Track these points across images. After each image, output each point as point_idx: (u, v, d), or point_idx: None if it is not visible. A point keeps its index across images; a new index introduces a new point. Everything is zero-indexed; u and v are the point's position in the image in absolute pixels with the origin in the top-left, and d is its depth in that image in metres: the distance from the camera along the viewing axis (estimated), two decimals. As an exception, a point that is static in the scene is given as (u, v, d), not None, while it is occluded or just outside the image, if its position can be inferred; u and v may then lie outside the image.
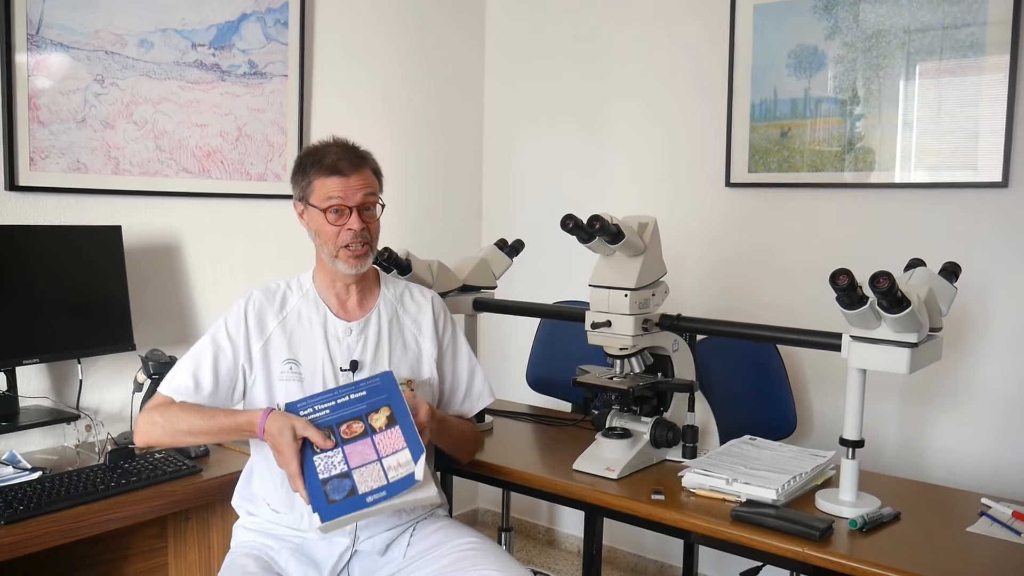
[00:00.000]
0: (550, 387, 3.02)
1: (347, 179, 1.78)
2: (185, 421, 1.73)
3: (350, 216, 1.78)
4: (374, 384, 1.72)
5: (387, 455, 1.63)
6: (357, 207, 1.79)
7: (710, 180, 3.03)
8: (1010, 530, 1.66)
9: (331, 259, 1.82)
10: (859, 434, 1.75)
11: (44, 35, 2.27)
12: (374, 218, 1.83)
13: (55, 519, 1.79)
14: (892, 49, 2.62)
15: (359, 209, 1.79)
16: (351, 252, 1.79)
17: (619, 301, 1.98)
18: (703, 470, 1.85)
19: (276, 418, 1.65)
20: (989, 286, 2.51)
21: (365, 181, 1.81)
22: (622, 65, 3.25)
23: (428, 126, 3.43)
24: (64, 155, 2.33)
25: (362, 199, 1.79)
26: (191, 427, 1.73)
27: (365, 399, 1.70)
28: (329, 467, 1.61)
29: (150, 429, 1.76)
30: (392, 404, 1.68)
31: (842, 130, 2.74)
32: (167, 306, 2.57)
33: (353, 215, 1.78)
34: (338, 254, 1.80)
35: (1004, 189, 2.47)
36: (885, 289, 1.56)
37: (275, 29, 2.80)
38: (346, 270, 1.81)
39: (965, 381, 2.58)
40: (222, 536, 2.23)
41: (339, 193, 1.78)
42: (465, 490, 3.65)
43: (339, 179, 1.78)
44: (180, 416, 1.74)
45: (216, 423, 1.73)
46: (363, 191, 1.80)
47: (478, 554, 1.79)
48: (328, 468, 1.61)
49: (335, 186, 1.78)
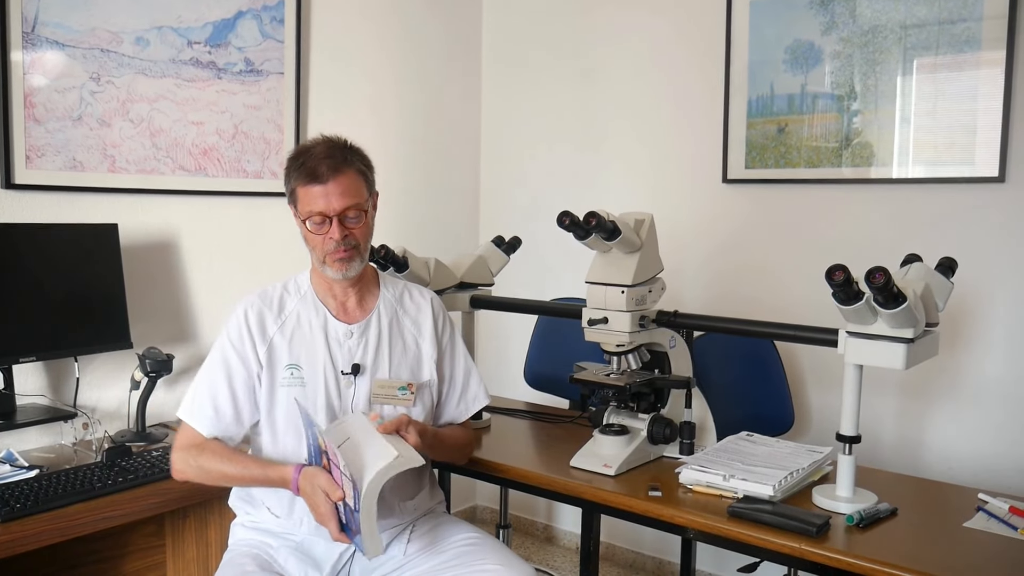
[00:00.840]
0: (547, 384, 3.02)
1: (326, 186, 1.72)
2: (218, 471, 1.75)
3: (331, 225, 1.74)
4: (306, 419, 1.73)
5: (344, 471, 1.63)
6: (338, 215, 1.74)
7: (707, 176, 3.03)
8: (1007, 525, 1.66)
9: (320, 265, 1.81)
10: (856, 430, 1.75)
11: (40, 33, 2.26)
12: (359, 224, 1.77)
13: (52, 517, 1.79)
14: (889, 44, 2.62)
15: (340, 217, 1.75)
16: (336, 257, 1.77)
17: (616, 298, 1.98)
18: (700, 466, 1.85)
19: (307, 479, 1.66)
20: (986, 281, 2.51)
21: (345, 187, 1.74)
22: (618, 61, 3.25)
23: (425, 122, 3.43)
24: (60, 153, 2.33)
25: (342, 208, 1.73)
26: (223, 475, 1.76)
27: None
28: (344, 508, 1.63)
29: (185, 469, 1.79)
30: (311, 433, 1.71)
31: (839, 126, 2.73)
32: (164, 304, 2.57)
33: (334, 224, 1.74)
34: (325, 260, 1.79)
35: (1001, 184, 2.47)
36: (881, 285, 1.56)
37: (271, 27, 2.79)
38: (334, 275, 1.80)
39: (962, 376, 2.58)
40: (220, 534, 2.23)
41: (319, 204, 1.73)
42: (463, 487, 3.65)
43: (319, 187, 1.73)
44: (213, 464, 1.75)
45: (249, 474, 1.75)
46: (343, 199, 1.73)
47: (479, 548, 1.80)
48: (344, 509, 1.63)
49: (315, 196, 1.73)
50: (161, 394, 2.46)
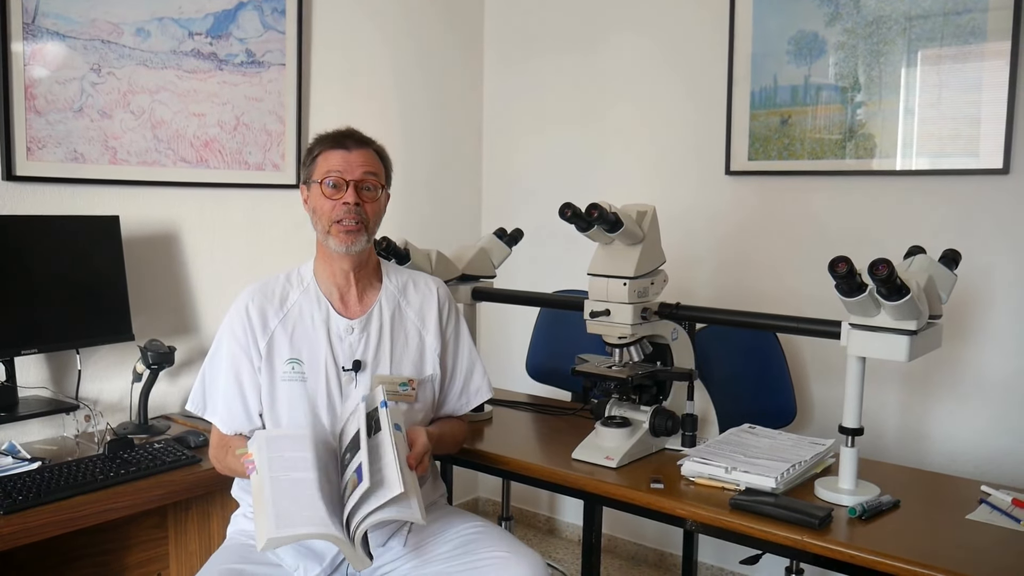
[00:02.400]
0: (550, 376, 3.02)
1: (349, 153, 1.80)
2: (239, 470, 1.75)
3: (347, 190, 1.78)
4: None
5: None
6: (355, 183, 1.79)
7: (710, 168, 3.02)
8: (1010, 517, 1.66)
9: (324, 236, 1.81)
10: (858, 422, 1.75)
11: (40, 24, 2.25)
12: (373, 199, 1.82)
13: (54, 509, 1.79)
14: (893, 35, 2.61)
15: (357, 185, 1.79)
16: (343, 227, 1.78)
17: (618, 290, 1.98)
18: (702, 459, 1.85)
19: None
20: (989, 273, 2.50)
21: (367, 159, 1.82)
22: (622, 53, 3.24)
23: (427, 114, 3.42)
24: (61, 145, 2.32)
25: (361, 175, 1.79)
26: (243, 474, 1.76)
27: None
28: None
29: (219, 468, 1.87)
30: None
31: (843, 117, 2.72)
32: (166, 296, 2.57)
33: (350, 189, 1.78)
34: (330, 229, 1.79)
35: (1005, 176, 2.46)
36: (884, 276, 1.55)
37: (272, 18, 2.78)
38: (336, 247, 1.80)
39: (965, 368, 2.57)
40: (222, 525, 2.22)
41: (339, 166, 1.79)
42: (465, 479, 3.66)
43: (342, 152, 1.80)
44: (235, 464, 1.74)
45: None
46: (363, 168, 1.80)
47: (485, 537, 1.79)
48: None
49: (336, 159, 1.80)
50: (163, 386, 2.46)
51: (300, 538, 1.55)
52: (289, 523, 1.50)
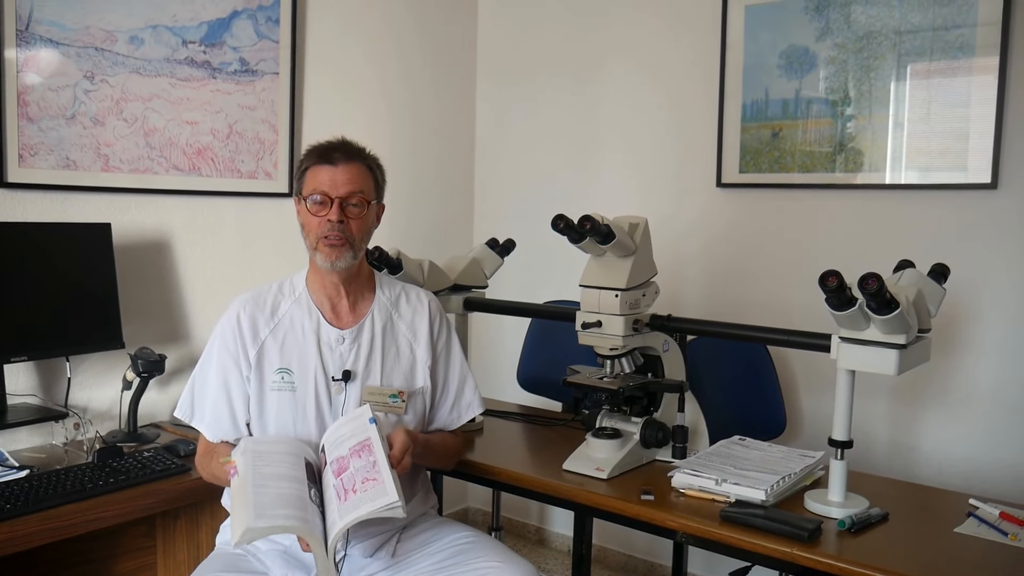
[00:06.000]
0: (541, 387, 3.02)
1: (335, 168, 1.79)
2: (224, 477, 1.74)
3: (331, 207, 1.77)
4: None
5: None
6: (341, 199, 1.78)
7: (701, 180, 3.04)
8: (997, 531, 1.67)
9: (312, 251, 1.82)
10: (848, 435, 1.75)
11: (34, 31, 2.25)
12: (358, 216, 1.80)
13: (43, 518, 1.78)
14: (883, 50, 2.63)
15: (342, 202, 1.78)
16: (327, 243, 1.78)
17: (610, 301, 1.98)
18: (693, 470, 1.86)
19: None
20: (978, 287, 2.52)
21: (353, 175, 1.80)
22: (614, 66, 3.25)
23: (420, 123, 3.42)
24: (53, 152, 2.32)
25: (346, 192, 1.78)
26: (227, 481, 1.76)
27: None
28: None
29: (203, 475, 1.87)
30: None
31: (833, 131, 2.74)
32: (157, 304, 2.56)
33: (334, 207, 1.77)
34: (317, 245, 1.79)
35: (993, 191, 2.48)
36: (874, 291, 1.57)
37: (266, 27, 2.79)
38: (322, 262, 1.80)
39: (954, 382, 2.59)
40: (211, 535, 2.21)
41: (325, 183, 1.78)
42: (455, 489, 3.65)
43: (328, 168, 1.79)
44: (220, 471, 1.74)
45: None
46: (349, 185, 1.78)
47: (476, 546, 1.79)
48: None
49: (322, 175, 1.79)
50: (153, 394, 2.45)
51: (278, 530, 1.55)
52: (268, 515, 1.50)
